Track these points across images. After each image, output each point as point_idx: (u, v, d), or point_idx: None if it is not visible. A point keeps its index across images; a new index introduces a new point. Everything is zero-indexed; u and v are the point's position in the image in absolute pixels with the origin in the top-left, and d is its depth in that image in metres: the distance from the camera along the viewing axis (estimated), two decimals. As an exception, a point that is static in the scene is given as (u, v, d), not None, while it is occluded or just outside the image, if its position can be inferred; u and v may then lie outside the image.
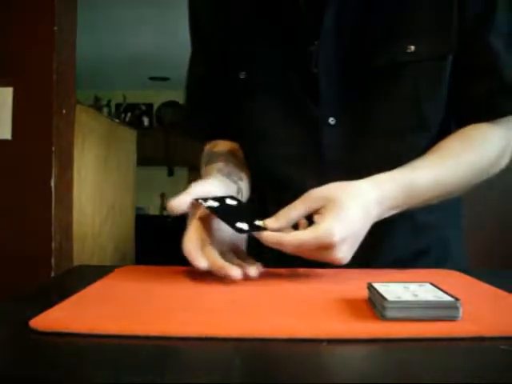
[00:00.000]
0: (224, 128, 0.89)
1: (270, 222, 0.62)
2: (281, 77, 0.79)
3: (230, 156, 0.86)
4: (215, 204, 0.64)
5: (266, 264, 0.64)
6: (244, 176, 0.82)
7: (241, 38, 0.82)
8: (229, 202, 0.67)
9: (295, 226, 0.64)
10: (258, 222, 0.63)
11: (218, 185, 0.71)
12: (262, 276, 0.63)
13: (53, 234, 1.44)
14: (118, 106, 6.00)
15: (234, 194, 0.74)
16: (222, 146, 0.89)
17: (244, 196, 0.80)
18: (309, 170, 0.78)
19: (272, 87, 0.80)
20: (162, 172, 6.26)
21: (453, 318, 0.43)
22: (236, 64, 0.83)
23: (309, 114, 0.78)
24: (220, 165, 0.80)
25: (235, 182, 0.78)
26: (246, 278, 0.59)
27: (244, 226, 0.62)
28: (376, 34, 0.74)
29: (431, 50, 0.73)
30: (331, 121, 0.77)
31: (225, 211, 0.64)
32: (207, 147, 0.92)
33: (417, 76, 0.73)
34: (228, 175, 0.78)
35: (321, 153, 0.77)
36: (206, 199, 0.64)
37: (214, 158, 0.84)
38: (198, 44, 0.91)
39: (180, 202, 0.64)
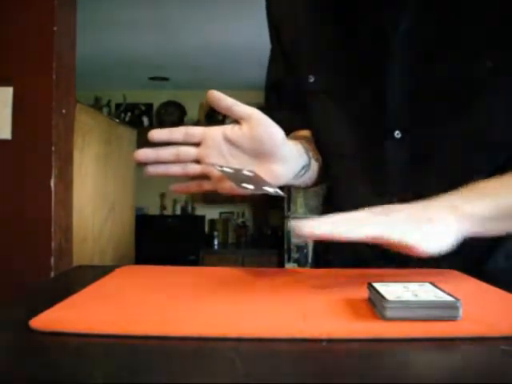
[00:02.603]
0: (302, 123, 0.88)
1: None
2: (348, 87, 0.79)
3: (312, 140, 0.86)
4: (230, 170, 0.64)
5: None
6: (320, 159, 0.82)
7: (312, 42, 0.83)
8: (245, 172, 0.65)
9: None
10: (266, 188, 0.62)
11: (291, 145, 0.71)
12: (262, 276, 0.63)
13: (52, 234, 1.44)
14: (117, 105, 5.99)
15: (304, 164, 0.74)
16: (305, 132, 0.89)
17: (310, 176, 0.80)
18: (371, 182, 0.78)
19: (338, 96, 0.80)
20: (161, 172, 6.25)
21: (453, 318, 0.43)
22: (306, 66, 0.84)
23: (374, 126, 0.76)
24: (301, 140, 0.80)
25: (309, 157, 0.77)
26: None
27: (250, 186, 0.61)
28: (451, 47, 0.71)
29: (510, 68, 0.68)
30: (397, 134, 0.74)
31: (236, 175, 0.63)
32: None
33: (491, 97, 0.69)
34: (306, 149, 0.77)
35: (383, 165, 0.76)
36: (222, 166, 0.64)
37: (293, 137, 0.83)
38: (274, 42, 0.92)
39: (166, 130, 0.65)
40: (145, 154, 0.65)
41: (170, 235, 5.33)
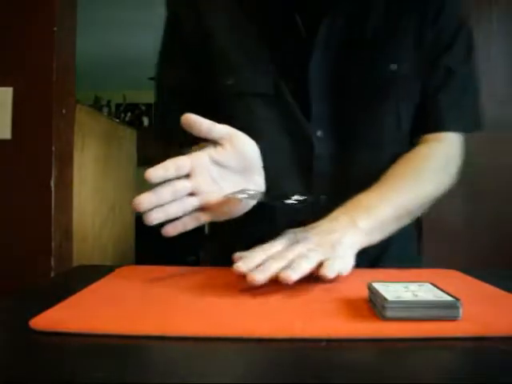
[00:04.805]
0: None
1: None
2: (272, 88, 0.79)
3: None
4: (245, 194, 0.64)
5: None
6: None
7: (229, 44, 0.81)
8: (251, 192, 0.66)
9: None
10: (289, 201, 0.65)
11: None
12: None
13: (52, 234, 1.44)
14: (118, 105, 6.00)
15: None
16: None
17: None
18: (298, 182, 0.79)
19: (262, 97, 0.79)
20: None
21: (453, 318, 0.43)
22: (222, 69, 0.81)
23: (299, 127, 0.79)
24: None
25: None
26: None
27: (290, 201, 0.64)
28: (363, 54, 0.78)
29: (411, 70, 0.78)
30: (319, 134, 0.78)
31: (255, 194, 0.65)
32: (196, 147, 0.83)
33: (398, 92, 0.78)
34: None
35: (310, 165, 0.79)
36: (233, 193, 0.64)
37: None
38: (176, 42, 0.87)
39: (164, 168, 0.60)
40: (148, 200, 0.60)
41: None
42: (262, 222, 0.73)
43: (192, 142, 0.82)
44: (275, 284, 0.60)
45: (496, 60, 1.57)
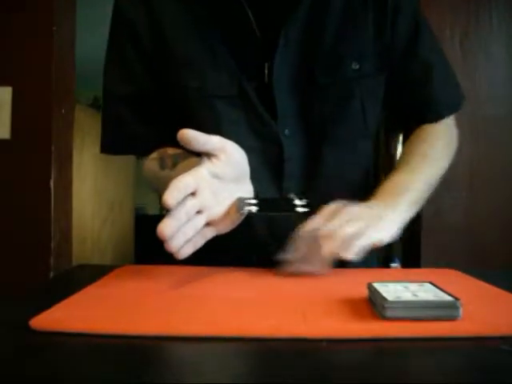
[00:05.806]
0: (168, 138, 0.74)
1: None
2: (235, 89, 0.78)
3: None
4: (254, 208, 0.64)
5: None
6: None
7: (192, 47, 0.79)
8: (252, 201, 0.66)
9: None
10: (298, 202, 0.66)
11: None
12: (262, 276, 0.63)
13: (52, 234, 1.44)
14: (117, 105, 5.98)
15: None
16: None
17: None
18: (270, 183, 0.79)
19: (226, 99, 0.79)
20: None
21: (453, 318, 0.43)
22: (185, 73, 0.80)
23: (266, 126, 0.78)
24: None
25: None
26: None
27: (302, 208, 0.65)
28: (325, 53, 0.78)
29: (373, 68, 0.80)
30: (287, 132, 0.79)
31: (261, 203, 0.66)
32: (155, 155, 0.82)
33: (362, 90, 0.80)
34: None
35: (280, 165, 0.79)
36: (243, 205, 0.64)
37: (185, 154, 0.75)
38: (128, 50, 0.84)
39: (179, 192, 0.58)
40: (170, 227, 0.57)
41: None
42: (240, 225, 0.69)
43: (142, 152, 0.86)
44: (275, 284, 0.60)
45: (496, 60, 1.57)
